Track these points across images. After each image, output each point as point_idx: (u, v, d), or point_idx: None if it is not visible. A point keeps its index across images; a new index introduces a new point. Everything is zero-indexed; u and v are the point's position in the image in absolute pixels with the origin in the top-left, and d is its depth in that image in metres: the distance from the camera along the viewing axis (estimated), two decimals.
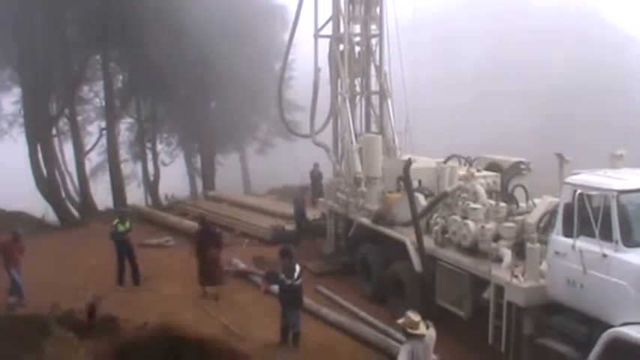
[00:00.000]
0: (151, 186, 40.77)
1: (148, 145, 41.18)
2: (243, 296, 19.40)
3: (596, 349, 11.35)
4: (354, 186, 21.04)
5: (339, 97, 23.08)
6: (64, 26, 34.29)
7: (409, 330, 11.17)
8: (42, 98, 35.65)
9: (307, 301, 17.30)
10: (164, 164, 42.68)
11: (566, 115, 38.24)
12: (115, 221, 20.36)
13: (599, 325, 11.59)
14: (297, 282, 15.63)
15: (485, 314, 14.32)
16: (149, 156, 41.20)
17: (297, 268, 15.65)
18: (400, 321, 11.43)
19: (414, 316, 11.26)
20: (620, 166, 14.29)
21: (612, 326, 11.27)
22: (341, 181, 22.56)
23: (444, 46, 45.34)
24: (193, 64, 34.53)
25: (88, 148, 39.20)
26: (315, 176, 30.93)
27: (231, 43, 34.55)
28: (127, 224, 20.32)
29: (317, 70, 24.01)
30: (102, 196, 38.35)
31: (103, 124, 38.26)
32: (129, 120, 41.31)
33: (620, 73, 39.33)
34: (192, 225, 25.93)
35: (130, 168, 41.76)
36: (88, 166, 39.74)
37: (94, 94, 39.49)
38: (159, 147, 42.29)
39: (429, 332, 11.43)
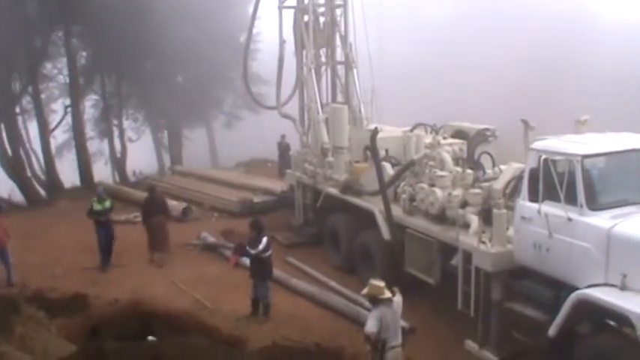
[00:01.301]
0: (118, 163, 40.44)
1: (114, 121, 40.77)
2: (213, 270, 19.46)
3: (563, 311, 11.51)
4: (321, 156, 21.06)
5: (305, 68, 22.99)
6: (24, 2, 33.71)
7: (377, 296, 11.32)
8: (4, 76, 35.14)
9: (277, 272, 17.40)
10: (131, 141, 42.42)
11: (532, 82, 38.45)
12: (93, 200, 20.16)
13: (566, 288, 11.74)
14: (267, 254, 15.70)
15: (453, 280, 14.42)
16: (115, 133, 40.79)
17: (264, 239, 15.70)
18: (365, 291, 11.61)
19: (378, 283, 11.45)
20: (584, 131, 14.44)
21: (578, 288, 11.41)
22: (308, 152, 22.56)
23: (409, 15, 45.34)
24: (157, 38, 34.17)
25: (52, 126, 38.69)
26: (283, 148, 30.90)
27: (195, 17, 34.33)
28: (107, 203, 19.98)
29: (282, 41, 23.86)
30: (68, 174, 38.02)
31: (68, 102, 37.78)
32: (94, 97, 40.87)
33: (585, 39, 39.58)
34: None
35: (96, 145, 41.37)
36: (54, 144, 39.34)
37: (57, 71, 38.88)
38: (125, 123, 41.91)
39: (396, 299, 11.56)
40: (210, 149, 48.71)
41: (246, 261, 16.39)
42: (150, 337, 14.25)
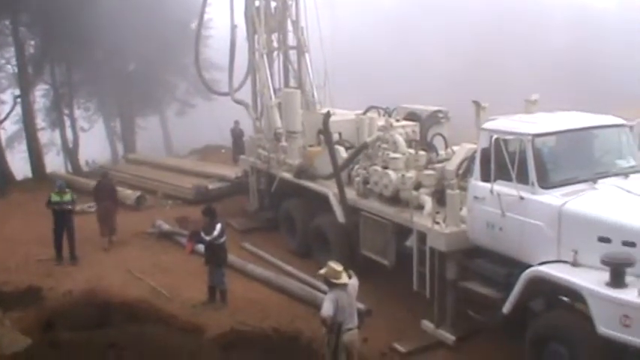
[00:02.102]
0: (71, 153, 39.87)
1: (66, 111, 40.11)
2: (169, 257, 19.42)
3: (517, 288, 11.64)
4: (275, 141, 21.02)
5: (257, 54, 22.86)
6: None
7: (332, 280, 11.32)
8: None
9: (233, 258, 17.40)
10: (83, 130, 41.84)
11: (484, 64, 38.75)
12: (52, 192, 19.87)
13: (519, 266, 11.86)
14: (221, 240, 15.69)
15: (409, 262, 14.51)
16: (67, 122, 40.21)
17: (219, 226, 15.69)
18: (322, 271, 11.58)
19: (336, 266, 11.43)
20: (534, 110, 14.63)
21: (531, 266, 11.55)
22: (261, 137, 22.49)
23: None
24: (108, 26, 33.74)
25: (2, 117, 38.03)
26: (236, 134, 30.80)
27: (146, 3, 33.98)
28: (67, 197, 19.65)
29: (233, 27, 23.75)
30: (20, 165, 37.43)
31: (17, 92, 37.16)
32: (44, 86, 40.14)
33: (537, 19, 40.02)
34: None
35: (47, 136, 40.68)
36: (4, 135, 38.66)
37: (5, 60, 38.14)
38: (77, 113, 41.26)
39: (351, 281, 11.56)
40: (163, 137, 48.29)
41: (202, 248, 16.35)
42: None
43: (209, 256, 15.90)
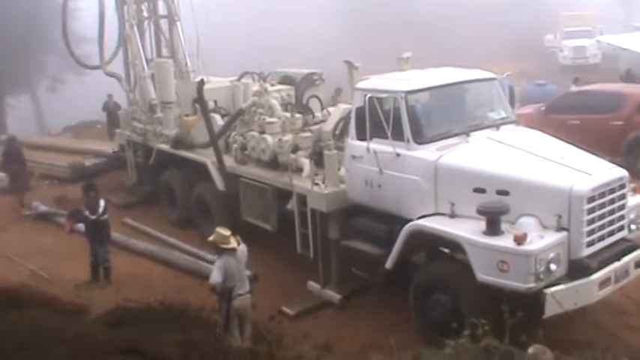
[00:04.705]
0: None
1: None
2: (48, 239, 18.85)
3: (398, 243, 11.84)
4: (150, 113, 20.60)
5: (127, 24, 22.24)
6: None
7: (221, 245, 11.38)
8: None
9: (115, 234, 17.00)
10: None
11: (357, 25, 39.10)
12: None
13: (399, 222, 12.03)
14: (104, 217, 15.40)
15: (291, 225, 14.56)
16: None
17: (102, 202, 15.42)
18: (210, 238, 11.62)
19: (224, 231, 11.51)
20: (407, 68, 14.81)
21: (411, 221, 11.73)
22: (136, 109, 22.00)
23: None
24: None
25: None
26: (111, 108, 30.11)
27: None
28: None
29: None
30: None
31: None
32: None
33: None
34: None
35: None
36: None
37: None
38: None
39: (240, 248, 11.59)
40: (36, 115, 46.88)
41: (82, 226, 16.00)
42: None
43: (92, 234, 15.56)
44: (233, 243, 11.54)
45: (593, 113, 21.52)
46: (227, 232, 11.55)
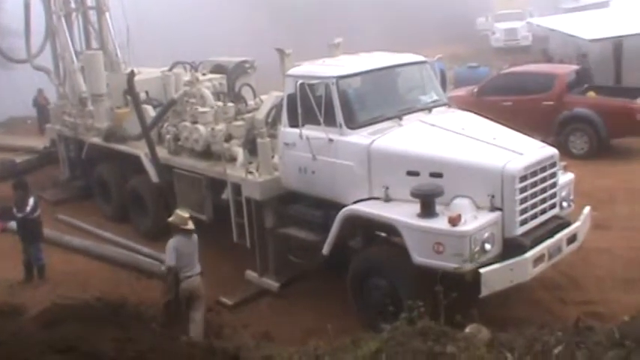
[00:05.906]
0: None
1: None
2: None
3: (334, 229, 11.87)
4: (81, 106, 20.25)
5: (54, 16, 21.87)
6: None
7: (181, 226, 11.72)
8: None
9: (48, 231, 16.67)
10: None
11: (287, 11, 39.06)
12: None
13: (334, 207, 12.04)
14: (35, 214, 15.11)
15: (227, 214, 14.49)
16: None
17: (31, 200, 15.11)
18: (170, 219, 11.93)
19: (183, 213, 11.95)
20: (338, 54, 14.84)
21: (346, 206, 11.76)
22: (66, 103, 21.61)
23: None
24: None
25: None
26: (40, 103, 29.60)
27: None
28: None
29: None
30: None
31: None
32: None
33: None
34: None
35: None
36: None
37: None
38: None
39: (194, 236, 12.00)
40: None
41: (14, 225, 15.70)
42: None
43: (23, 232, 15.23)
44: (191, 225, 11.86)
45: (525, 94, 21.93)
46: (186, 214, 11.91)
